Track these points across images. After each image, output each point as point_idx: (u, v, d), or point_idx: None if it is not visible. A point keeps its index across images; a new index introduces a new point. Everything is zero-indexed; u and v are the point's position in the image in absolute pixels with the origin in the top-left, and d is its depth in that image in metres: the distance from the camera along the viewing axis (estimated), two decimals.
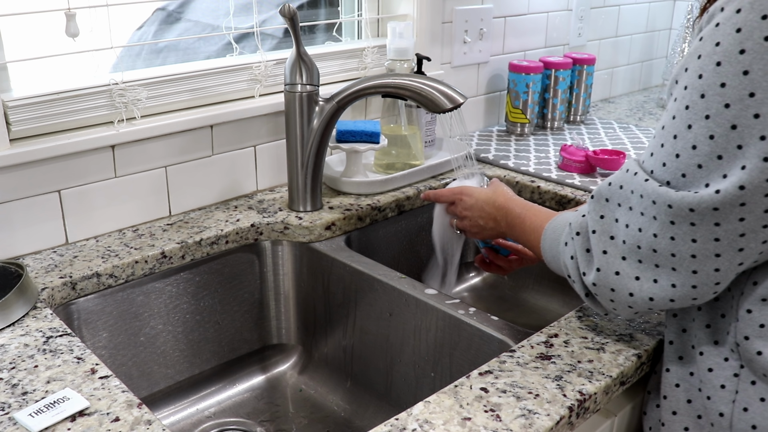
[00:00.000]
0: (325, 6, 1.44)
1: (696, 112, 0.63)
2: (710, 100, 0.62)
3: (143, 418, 0.68)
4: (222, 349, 1.14)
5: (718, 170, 0.62)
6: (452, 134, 1.38)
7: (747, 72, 0.59)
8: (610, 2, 1.92)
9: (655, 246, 0.67)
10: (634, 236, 0.69)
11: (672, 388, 0.78)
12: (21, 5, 0.96)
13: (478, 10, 1.53)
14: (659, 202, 0.66)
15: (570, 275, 0.79)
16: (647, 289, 0.70)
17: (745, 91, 0.59)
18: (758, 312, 0.69)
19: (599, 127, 1.69)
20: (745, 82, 0.59)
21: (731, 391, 0.72)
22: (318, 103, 1.11)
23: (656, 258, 0.68)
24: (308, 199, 1.16)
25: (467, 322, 0.90)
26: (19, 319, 0.85)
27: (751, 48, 0.59)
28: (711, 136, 0.62)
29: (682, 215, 0.64)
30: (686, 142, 0.64)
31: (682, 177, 0.65)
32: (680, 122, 0.64)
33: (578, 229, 0.77)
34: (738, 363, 0.72)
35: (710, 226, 0.63)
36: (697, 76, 0.63)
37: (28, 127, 0.99)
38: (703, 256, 0.65)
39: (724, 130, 0.61)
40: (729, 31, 0.60)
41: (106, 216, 1.08)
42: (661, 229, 0.66)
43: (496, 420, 0.68)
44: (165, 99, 1.11)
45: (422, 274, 1.21)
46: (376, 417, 1.06)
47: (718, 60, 0.61)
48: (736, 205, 0.61)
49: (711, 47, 0.62)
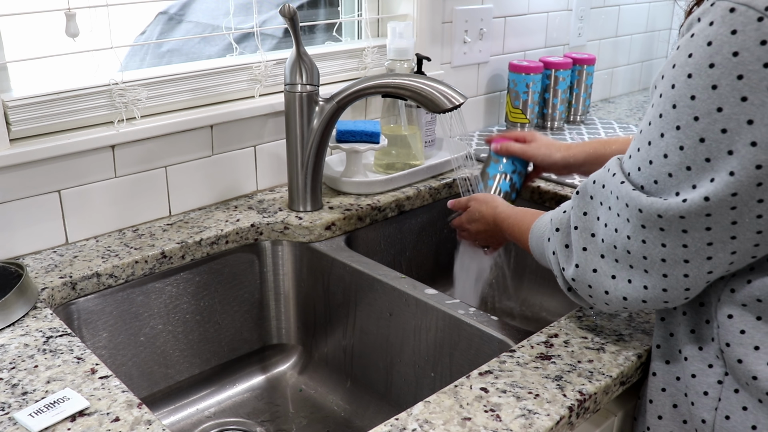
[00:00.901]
0: (325, 6, 1.44)
1: (668, 121, 0.63)
2: (681, 112, 0.62)
3: (143, 418, 0.68)
4: (222, 349, 1.14)
5: (687, 180, 0.63)
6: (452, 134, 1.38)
7: (715, 86, 0.59)
8: (610, 2, 1.92)
9: (629, 247, 0.68)
10: (611, 236, 0.70)
11: (658, 392, 0.78)
12: (21, 5, 0.96)
13: (478, 10, 1.53)
14: (631, 205, 0.67)
15: (553, 270, 0.80)
16: (621, 289, 0.71)
17: (713, 106, 0.59)
18: (738, 318, 0.69)
19: (599, 127, 1.69)
20: (714, 96, 0.59)
21: (714, 398, 0.72)
22: (318, 103, 1.11)
23: (630, 259, 0.69)
24: (308, 199, 1.16)
25: (467, 322, 0.90)
26: (19, 319, 0.85)
27: (719, 63, 0.59)
28: (681, 147, 0.62)
29: (651, 220, 0.65)
30: (659, 150, 0.65)
31: (654, 183, 0.66)
32: (654, 129, 0.65)
33: (558, 225, 0.79)
34: (722, 370, 0.71)
35: (678, 232, 0.64)
36: (671, 86, 0.63)
37: (28, 127, 0.99)
38: (672, 261, 0.66)
39: (693, 142, 0.61)
40: (701, 43, 0.60)
41: (106, 216, 1.08)
42: (633, 232, 0.67)
43: (496, 420, 0.68)
44: (165, 99, 1.11)
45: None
46: (376, 417, 1.06)
47: (689, 72, 0.61)
48: (701, 215, 0.62)
49: (684, 58, 0.62)
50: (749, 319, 0.68)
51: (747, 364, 0.68)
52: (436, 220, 1.33)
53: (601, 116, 1.81)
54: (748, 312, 0.68)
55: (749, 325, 0.68)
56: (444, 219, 1.34)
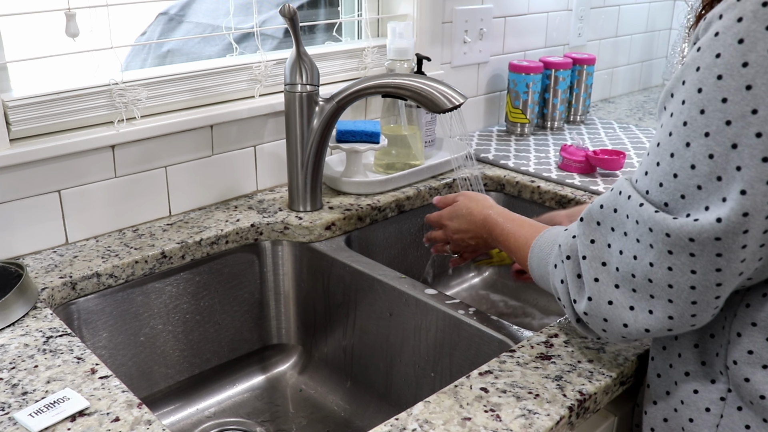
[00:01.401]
0: (325, 6, 1.44)
1: (695, 128, 0.59)
2: (710, 117, 0.57)
3: (143, 418, 0.68)
4: (222, 349, 1.14)
5: (717, 192, 0.58)
6: (452, 134, 1.38)
7: (750, 87, 0.55)
8: (610, 2, 1.92)
9: (651, 275, 0.63)
10: (629, 264, 0.65)
11: (651, 405, 0.76)
12: (21, 5, 0.96)
13: (478, 10, 1.53)
14: (656, 230, 0.61)
15: (560, 299, 0.75)
16: (642, 320, 0.66)
17: (748, 108, 0.55)
18: (747, 337, 0.66)
19: (599, 127, 1.69)
20: (748, 97, 0.55)
21: (716, 415, 0.69)
22: (318, 103, 1.11)
23: (651, 288, 0.64)
24: (308, 199, 1.16)
25: (467, 322, 0.90)
26: (19, 319, 0.85)
27: (754, 61, 0.55)
28: (710, 156, 0.58)
29: (680, 245, 0.60)
30: (684, 161, 0.60)
31: (681, 198, 0.61)
32: (678, 139, 0.60)
33: (568, 252, 0.72)
34: (726, 386, 0.69)
35: (712, 257, 0.59)
36: (696, 90, 0.59)
37: (28, 127, 0.99)
38: (703, 287, 0.61)
39: (724, 149, 0.57)
40: (730, 41, 0.56)
41: (106, 216, 1.08)
42: (657, 258, 0.62)
43: (496, 420, 0.68)
44: (165, 99, 1.11)
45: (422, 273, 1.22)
46: (376, 417, 1.06)
47: (719, 73, 0.57)
48: (739, 233, 0.57)
49: (711, 59, 0.57)
50: (759, 339, 0.66)
51: (754, 383, 0.66)
52: None
53: (601, 116, 1.81)
54: (758, 332, 0.66)
55: (758, 345, 0.66)
56: None
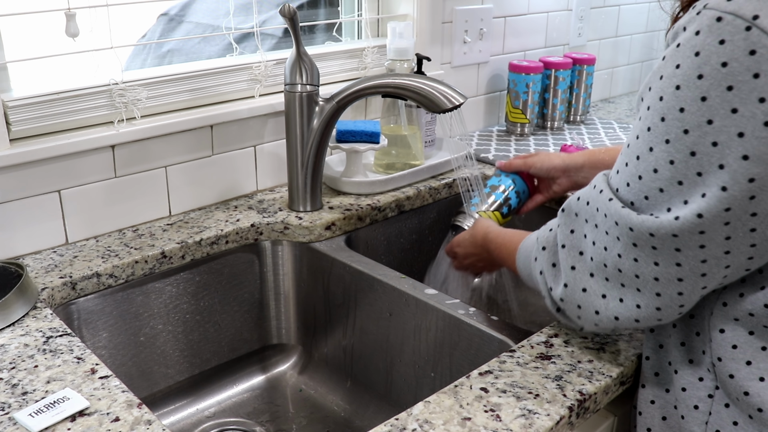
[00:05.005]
0: (325, 6, 1.44)
1: (657, 135, 0.62)
2: (670, 125, 0.60)
3: (143, 418, 0.68)
4: (222, 349, 1.14)
5: (679, 195, 0.61)
6: (452, 134, 1.38)
7: (705, 98, 0.57)
8: (610, 2, 1.92)
9: (620, 266, 0.67)
10: (601, 254, 0.69)
11: (647, 405, 0.77)
12: (21, 5, 0.96)
13: (478, 10, 1.53)
14: (621, 223, 0.65)
15: (540, 290, 0.78)
16: (613, 308, 0.69)
17: (703, 118, 0.58)
18: (731, 332, 0.67)
19: (599, 127, 1.69)
20: (703, 108, 0.58)
21: (704, 412, 0.71)
22: (318, 103, 1.11)
23: (621, 278, 0.67)
24: (308, 199, 1.16)
25: (467, 322, 0.90)
26: (19, 319, 0.85)
27: (708, 73, 0.57)
28: (671, 161, 0.61)
29: (643, 239, 0.64)
30: (648, 165, 0.63)
31: (645, 199, 0.64)
32: (643, 144, 0.63)
33: (544, 243, 0.77)
34: (713, 384, 0.70)
35: (671, 251, 0.63)
36: (659, 98, 0.61)
37: (28, 127, 0.99)
38: (665, 280, 0.65)
39: (684, 156, 0.60)
40: (688, 53, 0.58)
41: (106, 216, 1.08)
42: (624, 250, 0.66)
43: (496, 420, 0.68)
44: (165, 99, 1.11)
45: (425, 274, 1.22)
46: (376, 417, 1.06)
47: (677, 83, 0.59)
48: (695, 232, 0.60)
49: (672, 69, 0.60)
50: (741, 333, 0.67)
51: (738, 379, 0.67)
52: (436, 220, 1.33)
53: (601, 116, 1.81)
54: (741, 327, 0.67)
55: (741, 340, 0.67)
56: (444, 219, 1.34)
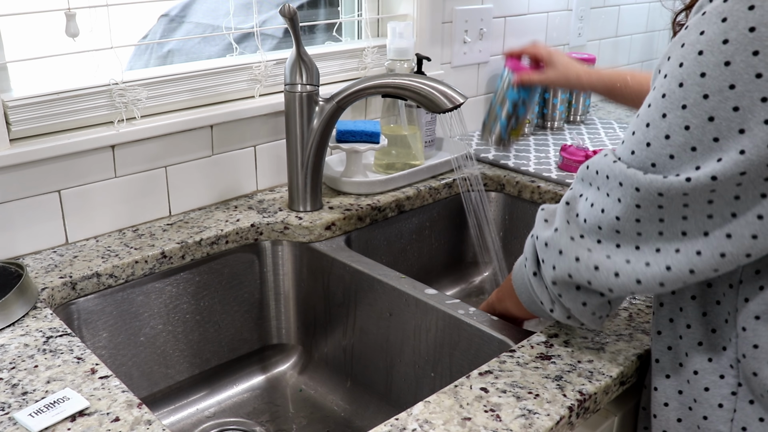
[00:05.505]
0: (325, 6, 1.44)
1: (673, 101, 0.61)
2: (688, 90, 0.60)
3: (143, 418, 0.68)
4: (222, 349, 1.14)
5: (690, 162, 0.60)
6: (452, 134, 1.38)
7: (728, 63, 0.57)
8: (610, 2, 1.92)
9: (618, 227, 0.65)
10: (596, 216, 0.67)
11: (661, 408, 0.76)
12: (21, 5, 0.96)
13: (478, 10, 1.53)
14: (626, 183, 0.64)
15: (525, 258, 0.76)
16: (596, 258, 0.67)
17: (725, 83, 0.57)
18: (752, 331, 0.67)
19: (599, 127, 1.69)
20: (726, 73, 0.57)
21: (729, 410, 0.70)
22: (318, 103, 1.11)
23: (619, 238, 0.66)
24: (308, 199, 1.16)
25: (467, 322, 0.90)
26: (19, 319, 0.85)
27: (734, 38, 0.57)
28: (686, 127, 0.60)
29: (649, 199, 0.62)
30: (659, 131, 0.62)
31: (652, 167, 0.63)
32: (655, 110, 0.62)
33: (544, 206, 0.77)
34: (735, 381, 0.70)
35: (679, 207, 0.62)
36: (678, 65, 0.61)
37: (28, 127, 0.99)
38: (670, 234, 0.63)
39: (701, 121, 0.59)
40: (714, 20, 0.58)
41: (106, 216, 1.08)
42: (625, 212, 0.64)
43: (496, 420, 0.68)
44: (165, 99, 1.11)
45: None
46: (376, 417, 1.06)
47: (700, 49, 0.59)
48: (706, 191, 0.60)
49: (695, 36, 0.60)
50: (763, 332, 0.66)
51: (762, 377, 0.67)
52: (436, 220, 1.33)
53: (601, 116, 1.81)
54: (762, 325, 0.66)
55: (764, 339, 0.66)
56: (444, 219, 1.34)
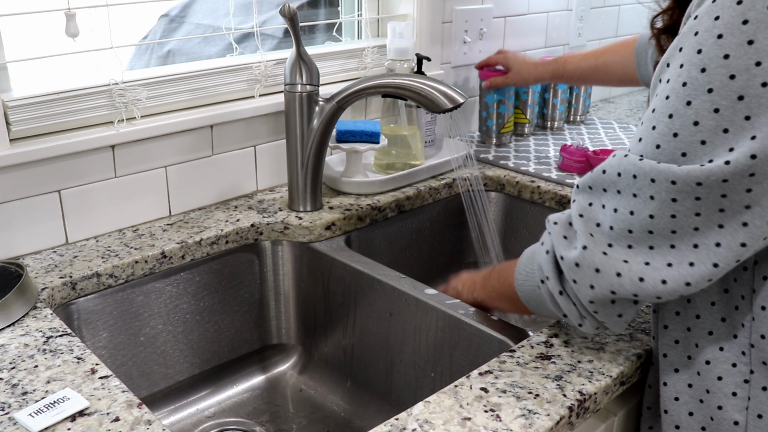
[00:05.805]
0: (325, 6, 1.44)
1: (696, 87, 0.60)
2: (713, 73, 0.59)
3: (143, 418, 0.68)
4: (222, 349, 1.14)
5: (723, 144, 0.60)
6: (452, 134, 1.38)
7: (752, 41, 0.58)
8: (610, 2, 1.92)
9: (652, 227, 0.64)
10: (624, 220, 0.65)
11: (672, 403, 0.76)
12: (21, 5, 0.96)
13: (478, 10, 1.53)
14: (660, 179, 0.62)
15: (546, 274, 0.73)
16: (636, 270, 0.65)
17: (751, 61, 0.58)
18: (759, 320, 0.68)
19: (599, 127, 1.69)
20: (751, 51, 0.58)
21: (743, 398, 0.71)
22: (318, 103, 1.11)
23: (652, 239, 0.64)
24: (308, 199, 1.16)
25: (467, 322, 0.90)
26: (19, 319, 0.85)
27: (754, 18, 0.57)
28: (716, 110, 0.60)
29: (687, 190, 0.61)
30: (686, 120, 0.61)
31: (683, 156, 0.62)
32: (676, 101, 0.62)
33: (555, 219, 0.74)
34: (747, 368, 0.70)
35: (717, 198, 0.61)
36: (696, 52, 0.61)
37: (28, 127, 0.99)
38: (706, 228, 0.62)
39: (730, 102, 0.59)
40: (729, 4, 0.59)
41: (106, 216, 1.08)
42: (660, 209, 0.63)
43: (496, 420, 0.68)
44: (165, 99, 1.11)
45: None
46: (376, 417, 1.06)
47: (719, 33, 0.59)
48: (746, 175, 0.59)
49: (710, 22, 0.60)
50: None
51: None
52: (436, 220, 1.33)
53: (601, 116, 1.81)
54: None
55: None
56: (444, 219, 1.34)
